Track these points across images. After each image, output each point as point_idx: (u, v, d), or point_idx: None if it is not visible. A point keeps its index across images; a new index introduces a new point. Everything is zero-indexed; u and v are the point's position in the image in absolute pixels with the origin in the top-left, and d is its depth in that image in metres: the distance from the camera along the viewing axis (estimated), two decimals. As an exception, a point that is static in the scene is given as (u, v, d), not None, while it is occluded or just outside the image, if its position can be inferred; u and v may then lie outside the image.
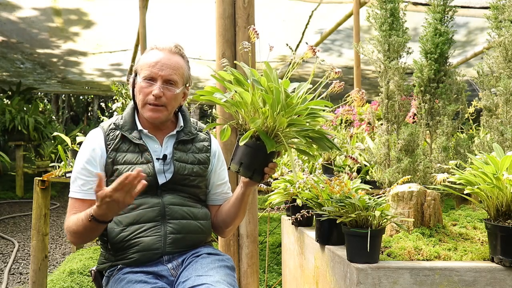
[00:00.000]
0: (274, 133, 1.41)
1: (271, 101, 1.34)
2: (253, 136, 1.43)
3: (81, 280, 3.31)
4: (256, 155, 1.44)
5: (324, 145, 1.45)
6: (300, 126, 1.42)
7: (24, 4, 5.31)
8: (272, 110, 1.36)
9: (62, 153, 3.19)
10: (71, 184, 1.62)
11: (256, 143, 1.43)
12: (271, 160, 1.48)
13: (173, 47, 1.62)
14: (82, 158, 1.61)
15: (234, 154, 1.48)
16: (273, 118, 1.38)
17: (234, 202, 1.68)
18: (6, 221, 5.88)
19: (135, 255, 1.55)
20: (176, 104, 1.65)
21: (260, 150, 1.41)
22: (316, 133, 1.44)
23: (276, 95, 1.33)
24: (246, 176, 1.49)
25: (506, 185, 1.42)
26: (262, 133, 1.39)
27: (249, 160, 1.44)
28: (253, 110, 1.42)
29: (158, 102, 1.58)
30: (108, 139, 1.62)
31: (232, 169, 1.48)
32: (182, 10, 5.55)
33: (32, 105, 8.45)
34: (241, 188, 1.63)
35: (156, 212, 1.58)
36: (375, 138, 2.90)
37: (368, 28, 5.81)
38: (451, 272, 1.45)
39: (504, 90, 2.02)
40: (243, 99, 1.40)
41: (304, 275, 2.06)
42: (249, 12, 2.34)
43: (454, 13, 2.20)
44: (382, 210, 1.47)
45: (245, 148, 1.44)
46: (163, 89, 1.57)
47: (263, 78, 1.38)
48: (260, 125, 1.38)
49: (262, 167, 1.46)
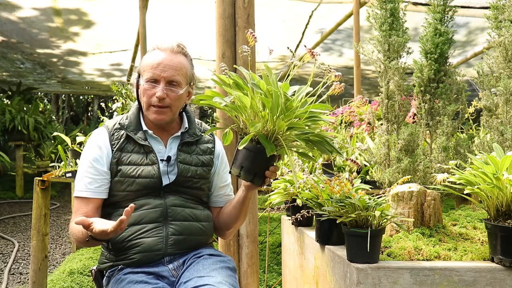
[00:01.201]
0: (274, 137, 1.41)
1: (270, 105, 1.33)
2: (254, 140, 1.43)
3: (81, 280, 3.31)
4: (256, 159, 1.43)
5: (324, 149, 1.45)
6: (300, 130, 1.41)
7: (24, 4, 5.31)
8: (272, 114, 1.35)
9: (62, 153, 3.19)
10: (76, 184, 1.61)
11: (256, 146, 1.42)
12: (272, 163, 1.47)
13: (175, 47, 1.61)
14: (88, 157, 1.60)
15: (235, 158, 1.47)
16: (273, 122, 1.38)
17: (235, 205, 1.68)
18: (6, 221, 5.88)
19: (137, 255, 1.55)
20: (181, 104, 1.65)
21: (260, 153, 1.41)
22: (316, 137, 1.43)
23: (275, 99, 1.33)
24: (247, 180, 1.49)
25: (506, 185, 1.42)
26: (261, 136, 1.39)
27: (250, 164, 1.44)
28: (253, 114, 1.42)
29: (162, 104, 1.57)
30: (113, 139, 1.61)
31: (233, 173, 1.48)
32: (182, 10, 5.55)
33: (32, 105, 8.45)
34: (243, 191, 1.63)
35: (158, 213, 1.58)
36: (375, 138, 2.90)
37: (368, 28, 5.81)
38: (451, 272, 1.45)
39: (504, 90, 2.02)
40: (242, 103, 1.40)
41: (304, 275, 2.06)
42: (249, 12, 2.34)
43: (454, 13, 2.20)
44: (382, 210, 1.47)
45: (245, 152, 1.44)
46: (167, 91, 1.56)
47: (262, 82, 1.37)
48: (259, 129, 1.37)
49: (263, 170, 1.46)
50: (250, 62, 1.78)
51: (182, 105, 1.67)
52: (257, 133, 1.39)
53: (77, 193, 1.59)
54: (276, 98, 1.33)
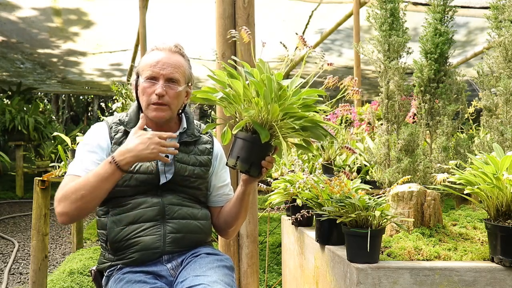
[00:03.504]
0: (269, 125, 1.42)
1: (264, 91, 1.35)
2: (249, 130, 1.45)
3: (81, 280, 3.31)
4: (252, 148, 1.45)
5: (318, 133, 1.46)
6: (294, 116, 1.42)
7: (24, 4, 5.32)
8: (265, 101, 1.36)
9: (62, 153, 3.19)
10: (72, 166, 1.58)
11: (252, 136, 1.44)
12: (268, 154, 1.49)
13: (173, 47, 1.64)
14: (89, 143, 1.60)
15: (231, 150, 1.49)
16: (267, 109, 1.39)
17: (235, 202, 1.69)
18: (6, 221, 5.88)
19: (135, 254, 1.55)
20: (180, 103, 1.65)
21: (256, 143, 1.43)
22: (310, 122, 1.45)
23: (268, 84, 1.34)
24: (244, 170, 1.49)
25: (506, 185, 1.42)
26: (256, 123, 1.40)
27: (246, 153, 1.45)
28: (247, 102, 1.43)
29: (161, 101, 1.58)
30: (112, 132, 1.63)
31: (230, 164, 1.48)
32: (182, 10, 5.55)
33: (32, 105, 8.45)
34: (241, 187, 1.63)
35: (155, 211, 1.58)
36: (375, 138, 2.90)
37: (368, 28, 5.81)
38: (451, 272, 1.45)
39: (504, 90, 2.02)
40: (236, 92, 1.41)
41: (304, 275, 2.06)
42: (249, 12, 2.34)
43: (454, 13, 2.20)
44: (382, 210, 1.47)
45: (241, 142, 1.46)
46: (166, 88, 1.58)
47: (255, 70, 1.40)
48: (253, 114, 1.39)
49: (259, 160, 1.47)
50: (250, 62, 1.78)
51: (181, 104, 1.68)
52: (251, 119, 1.40)
53: (72, 171, 1.55)
54: (269, 83, 1.34)
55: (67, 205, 1.45)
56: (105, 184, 1.45)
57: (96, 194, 1.46)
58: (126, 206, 1.58)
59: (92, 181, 1.44)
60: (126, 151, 1.44)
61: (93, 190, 1.44)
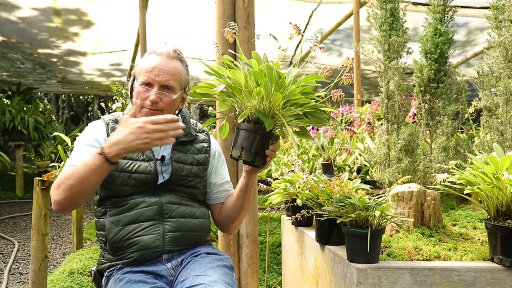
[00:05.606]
0: (271, 114, 1.43)
1: (264, 80, 1.36)
2: (252, 120, 1.46)
3: (81, 280, 3.31)
4: (256, 138, 1.46)
5: (321, 117, 1.48)
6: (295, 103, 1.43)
7: (24, 4, 5.32)
8: (266, 89, 1.37)
9: (62, 153, 3.18)
10: (70, 159, 1.55)
11: (255, 126, 1.45)
12: (271, 143, 1.50)
13: (171, 52, 1.62)
14: (87, 138, 1.59)
15: (234, 141, 1.50)
16: (269, 99, 1.40)
17: (238, 194, 1.68)
18: (6, 221, 5.88)
19: (134, 254, 1.55)
20: (174, 109, 1.65)
21: (259, 132, 1.45)
22: (311, 108, 1.46)
23: (269, 74, 1.35)
24: (248, 160, 1.48)
25: (506, 185, 1.42)
26: (259, 112, 1.41)
27: (250, 144, 1.46)
28: (248, 93, 1.44)
29: (155, 108, 1.57)
30: (109, 129, 1.63)
31: (234, 155, 1.49)
32: (182, 10, 5.55)
33: (32, 105, 8.45)
34: (244, 178, 1.62)
35: (154, 211, 1.58)
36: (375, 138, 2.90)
37: (368, 28, 5.81)
38: (451, 272, 1.45)
39: (504, 90, 2.02)
40: (237, 82, 1.41)
41: (304, 275, 2.06)
42: (249, 12, 2.34)
43: (454, 13, 2.20)
44: (382, 210, 1.47)
45: (245, 133, 1.46)
46: (160, 95, 1.57)
47: (253, 61, 1.41)
48: (256, 104, 1.40)
49: (263, 150, 1.48)
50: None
51: (175, 110, 1.67)
52: (254, 109, 1.41)
53: (71, 163, 1.52)
54: (270, 72, 1.35)
55: (60, 193, 1.42)
56: (93, 177, 1.38)
57: (84, 185, 1.40)
58: (124, 206, 1.58)
59: (81, 171, 1.39)
60: (114, 143, 1.36)
61: (81, 181, 1.39)
